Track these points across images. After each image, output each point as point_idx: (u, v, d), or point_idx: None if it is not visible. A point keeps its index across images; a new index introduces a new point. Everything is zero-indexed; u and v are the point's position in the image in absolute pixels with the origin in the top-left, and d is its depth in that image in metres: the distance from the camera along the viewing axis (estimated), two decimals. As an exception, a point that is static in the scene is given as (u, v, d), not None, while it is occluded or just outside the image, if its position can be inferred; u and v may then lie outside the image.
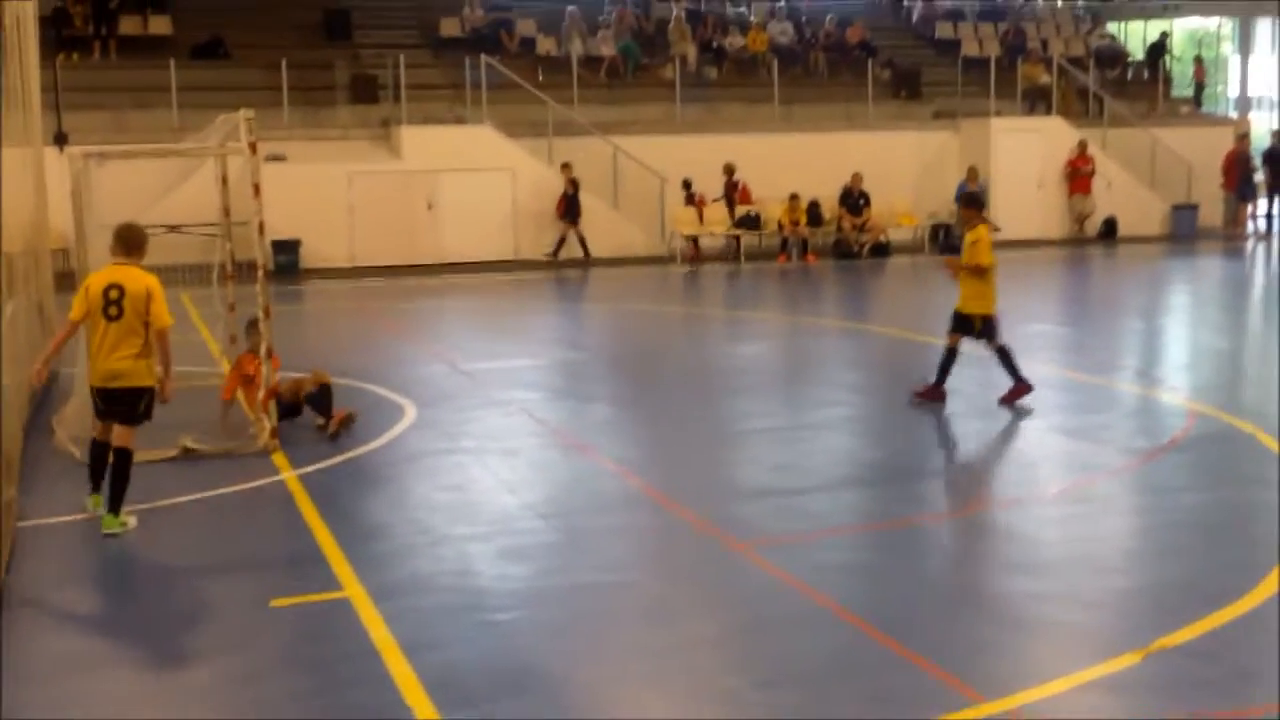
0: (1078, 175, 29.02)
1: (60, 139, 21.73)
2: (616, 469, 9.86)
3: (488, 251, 25.25)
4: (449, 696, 5.69)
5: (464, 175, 24.87)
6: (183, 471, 9.78)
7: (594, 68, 29.25)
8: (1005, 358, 11.90)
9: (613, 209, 26.52)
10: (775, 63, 30.00)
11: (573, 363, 15.26)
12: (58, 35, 25.26)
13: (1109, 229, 29.48)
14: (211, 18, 27.96)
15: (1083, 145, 29.01)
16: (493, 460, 10.10)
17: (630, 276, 24.07)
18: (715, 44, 30.97)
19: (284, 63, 25.29)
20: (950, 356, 12.00)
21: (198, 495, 9.17)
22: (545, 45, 29.56)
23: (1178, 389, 12.98)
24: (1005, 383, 11.83)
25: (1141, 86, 33.60)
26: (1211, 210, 30.12)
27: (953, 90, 30.52)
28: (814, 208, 26.78)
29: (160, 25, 27.68)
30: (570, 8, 30.17)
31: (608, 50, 29.57)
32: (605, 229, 25.92)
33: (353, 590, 7.11)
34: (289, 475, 9.61)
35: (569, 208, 25.29)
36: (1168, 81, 34.12)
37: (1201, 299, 21.19)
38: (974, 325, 11.94)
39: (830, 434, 11.41)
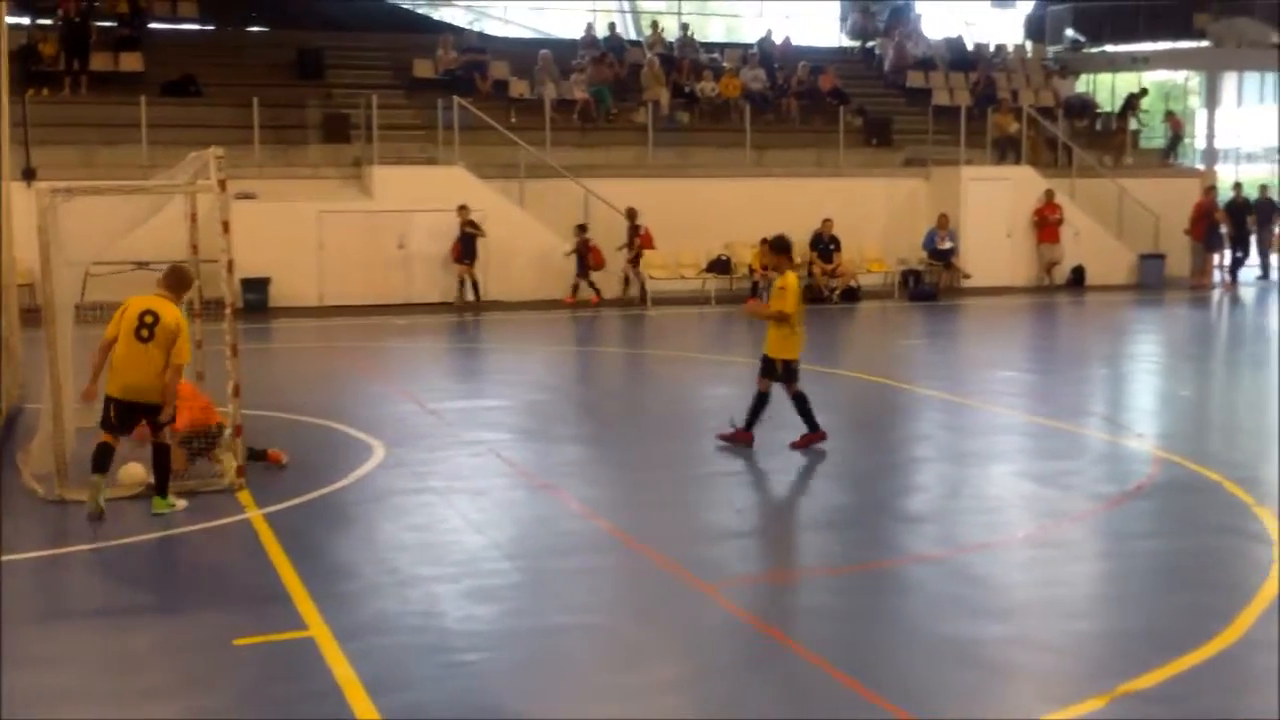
0: (1045, 224, 29.29)
1: (28, 174, 21.68)
2: (583, 510, 9.86)
3: (456, 293, 25.21)
4: (413, 736, 5.67)
5: (435, 216, 24.82)
6: (146, 508, 9.66)
7: (566, 111, 29.35)
8: (801, 403, 12.07)
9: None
10: (748, 108, 30.16)
11: (539, 403, 15.25)
12: (26, 70, 25.08)
13: (1077, 277, 29.71)
14: (183, 55, 28.11)
15: (1049, 194, 29.34)
16: (460, 500, 10.09)
17: (600, 318, 24.16)
18: (688, 89, 31.20)
19: (255, 101, 25.26)
20: (761, 401, 12.07)
21: (162, 533, 9.14)
22: (518, 88, 29.73)
23: (1144, 436, 13.06)
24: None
25: (1109, 137, 34.01)
26: (1178, 260, 30.44)
27: (923, 138, 30.81)
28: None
29: (131, 61, 27.67)
30: (543, 51, 30.39)
31: (580, 94, 29.71)
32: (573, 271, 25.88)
33: (317, 630, 7.09)
34: (254, 514, 9.57)
35: (465, 249, 24.80)
36: (1136, 134, 34.54)
37: (1168, 347, 21.40)
38: (775, 369, 12.04)
39: (797, 477, 11.46)
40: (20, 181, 19.72)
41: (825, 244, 27.11)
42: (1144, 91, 35.76)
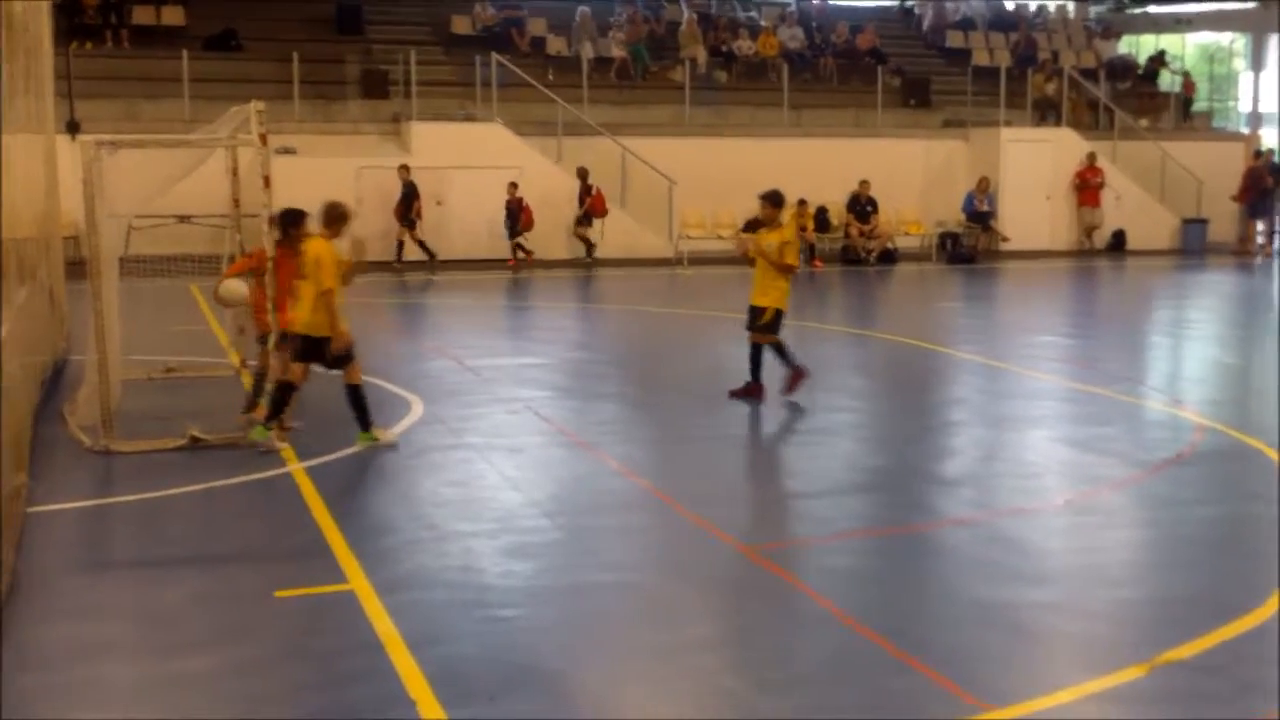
0: (1086, 187, 28.91)
1: (72, 127, 21.77)
2: (621, 468, 9.83)
3: (495, 249, 25.17)
4: (452, 692, 5.68)
5: (473, 172, 24.82)
6: (190, 461, 9.77)
7: (604, 69, 29.17)
8: (780, 352, 12.19)
9: (621, 210, 26.43)
10: (785, 67, 29.83)
11: (578, 361, 15.24)
12: (70, 23, 25.20)
13: (1117, 241, 29.42)
14: (224, 9, 28.03)
15: (1091, 157, 28.91)
16: (498, 457, 10.08)
17: (635, 277, 24.07)
18: (725, 47, 30.84)
19: (295, 56, 25.31)
20: (761, 351, 12.18)
21: (205, 485, 9.15)
22: (555, 45, 29.54)
23: (1185, 403, 12.89)
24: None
25: (1152, 99, 33.54)
26: (1220, 226, 30.08)
27: (962, 99, 30.40)
28: (821, 213, 26.73)
29: (173, 15, 27.76)
30: (581, 8, 30.16)
31: (618, 52, 29.49)
32: (614, 230, 25.86)
33: (358, 583, 7.10)
34: (296, 467, 9.60)
35: (406, 209, 24.21)
36: (1182, 99, 33.93)
37: (1210, 313, 21.17)
38: (763, 315, 12.12)
39: (836, 439, 11.37)
40: (65, 134, 19.79)
41: (862, 205, 26.93)
42: (1162, 53, 35.32)
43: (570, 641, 6.45)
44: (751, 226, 26.24)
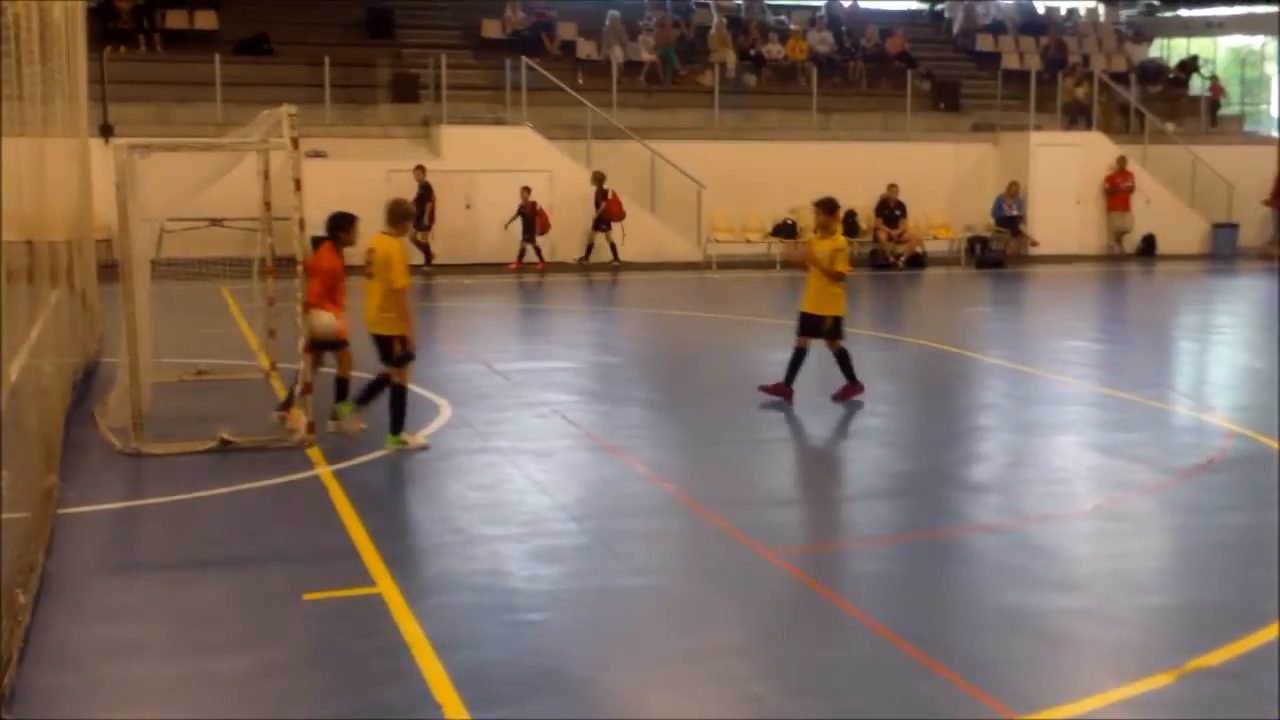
0: (1117, 191, 28.73)
1: (106, 130, 21.91)
2: (648, 473, 9.83)
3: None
4: (478, 695, 5.70)
5: (502, 176, 24.76)
6: (220, 463, 9.83)
7: (633, 73, 29.17)
8: (844, 360, 12.29)
9: (650, 214, 26.42)
10: (814, 71, 29.78)
11: (605, 366, 15.28)
12: (104, 28, 25.40)
13: (1148, 246, 29.21)
14: (256, 13, 28.21)
15: (1122, 161, 28.73)
16: (525, 461, 10.10)
17: (664, 281, 24.07)
18: (755, 51, 30.79)
19: (327, 60, 25.45)
20: (799, 357, 12.21)
21: (235, 487, 9.20)
22: (585, 49, 29.56)
23: (1215, 409, 12.80)
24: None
25: (1182, 103, 33.25)
26: (1252, 230, 29.87)
27: (992, 103, 30.25)
28: (850, 217, 26.35)
29: (206, 20, 27.95)
30: (612, 12, 30.17)
31: (648, 56, 29.50)
32: (643, 233, 25.82)
33: (385, 586, 7.13)
34: (324, 470, 9.65)
35: (420, 211, 22.32)
36: (1211, 102, 33.65)
37: (1240, 318, 21.01)
38: (824, 324, 12.22)
39: (862, 443, 11.38)
40: (98, 138, 19.93)
41: (891, 209, 26.85)
42: (1195, 58, 35.09)
43: (597, 646, 6.47)
44: (781, 231, 26.56)
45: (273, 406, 11.20)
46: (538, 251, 24.94)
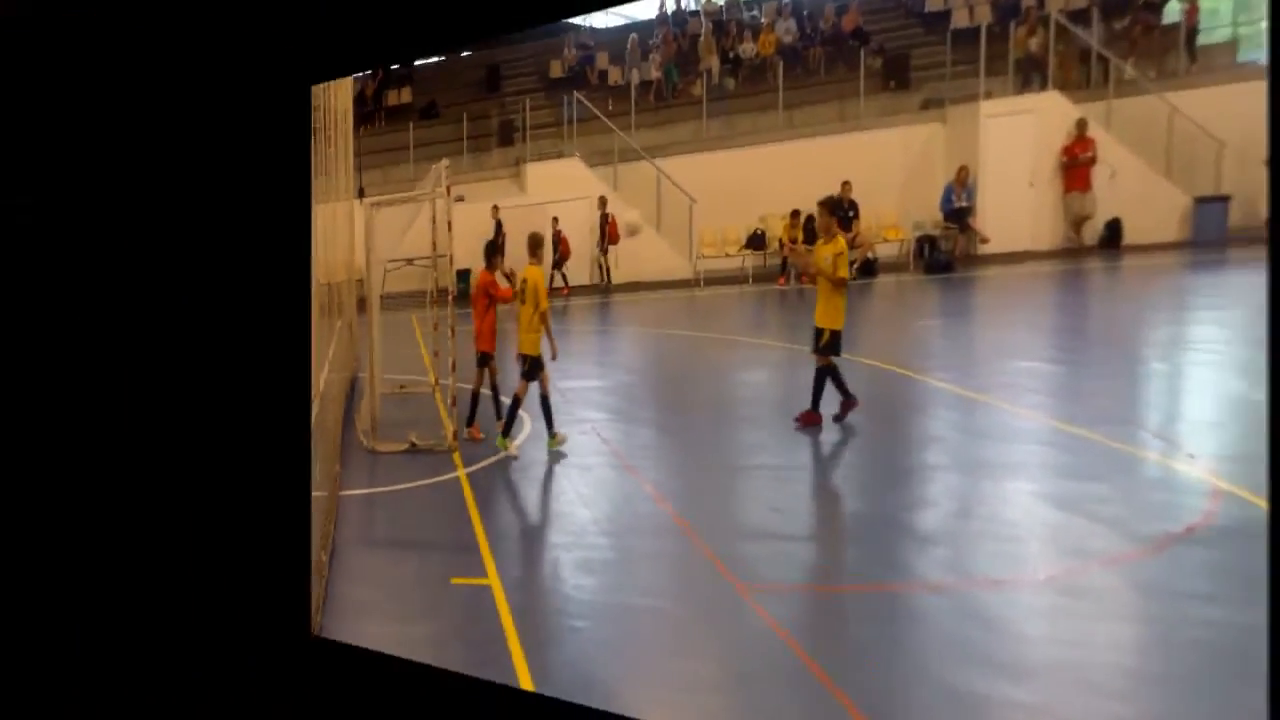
0: (1075, 166, 18.94)
1: (360, 193, 21.64)
2: (654, 494, 9.31)
3: (578, 277, 23.18)
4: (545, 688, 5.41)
5: (568, 206, 23.38)
6: (411, 462, 10.29)
7: (647, 92, 25.53)
8: (820, 383, 9.69)
9: (657, 234, 23.40)
10: (780, 66, 24.26)
11: (629, 385, 14.16)
12: (359, 111, 24.35)
13: (1112, 234, 18.59)
14: (430, 84, 27.59)
15: (1081, 125, 18.87)
16: (574, 475, 9.85)
17: (655, 301, 21.55)
18: (733, 54, 25.50)
19: (464, 115, 25.26)
20: (825, 376, 9.63)
21: (412, 484, 9.69)
22: (614, 75, 26.26)
23: (1199, 456, 8.55)
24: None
25: (1156, 38, 21.35)
26: (1246, 204, 17.65)
27: (942, 73, 23.29)
28: (809, 223, 20.43)
29: (406, 95, 27.76)
30: (631, 35, 26.31)
31: (655, 74, 25.45)
32: (649, 254, 23.16)
33: (494, 580, 6.98)
34: (461, 473, 9.97)
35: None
36: (1190, 31, 21.12)
37: (1234, 330, 12.93)
38: (820, 338, 9.54)
39: (816, 475, 9.63)
40: (356, 199, 19.39)
41: (844, 210, 19.51)
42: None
43: (618, 658, 5.87)
44: (753, 242, 21.01)
45: (434, 415, 11.57)
46: (564, 278, 22.72)
